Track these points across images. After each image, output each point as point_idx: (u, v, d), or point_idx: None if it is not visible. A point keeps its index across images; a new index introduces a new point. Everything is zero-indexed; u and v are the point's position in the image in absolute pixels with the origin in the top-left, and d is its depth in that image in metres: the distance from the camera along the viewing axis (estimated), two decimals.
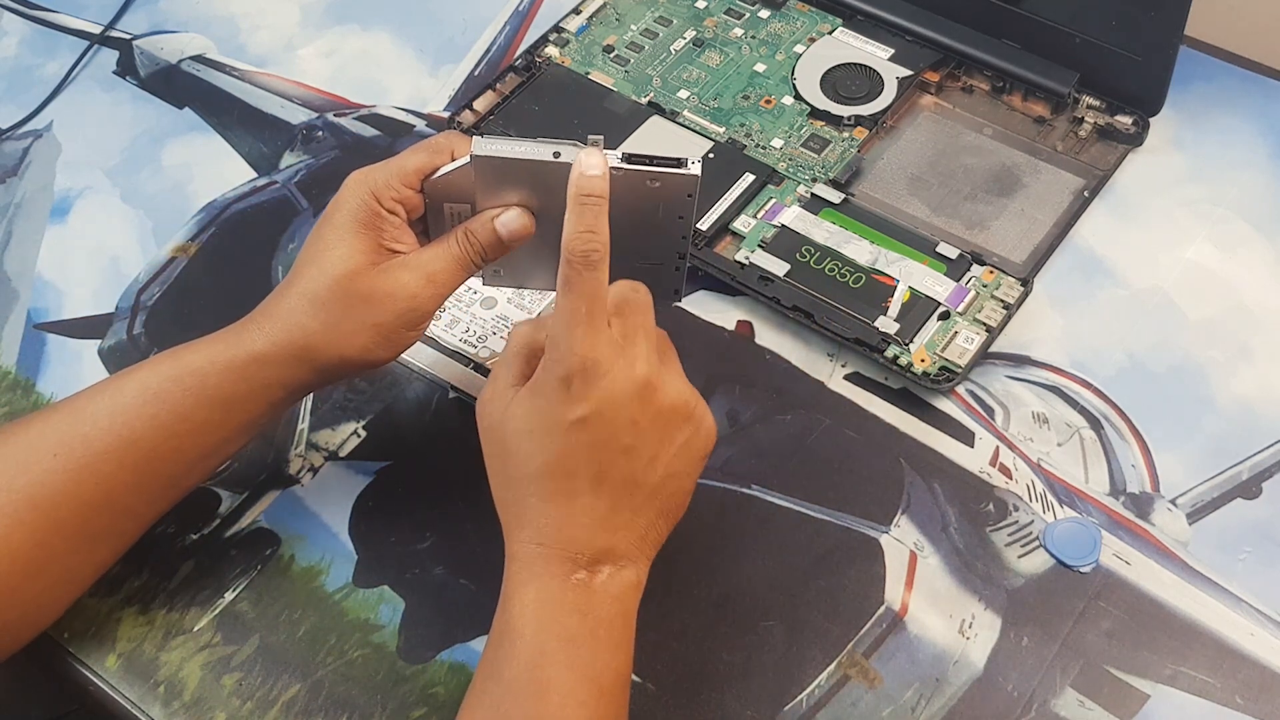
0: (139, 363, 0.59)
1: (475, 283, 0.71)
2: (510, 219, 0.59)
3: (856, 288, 0.69)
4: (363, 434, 0.68)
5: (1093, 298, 0.70)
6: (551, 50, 0.82)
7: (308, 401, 0.69)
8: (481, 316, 0.70)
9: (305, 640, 0.61)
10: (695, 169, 0.56)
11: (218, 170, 0.80)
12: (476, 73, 0.84)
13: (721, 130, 0.76)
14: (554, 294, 0.56)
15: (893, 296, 0.68)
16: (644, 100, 0.78)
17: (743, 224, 0.72)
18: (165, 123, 0.83)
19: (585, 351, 0.52)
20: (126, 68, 0.87)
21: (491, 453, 0.54)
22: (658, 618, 0.60)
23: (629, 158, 0.56)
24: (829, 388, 0.67)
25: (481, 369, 0.68)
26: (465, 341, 0.69)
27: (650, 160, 0.56)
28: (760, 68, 0.80)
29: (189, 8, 0.90)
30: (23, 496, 0.56)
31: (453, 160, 0.59)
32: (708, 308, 0.71)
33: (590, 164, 0.54)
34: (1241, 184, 0.74)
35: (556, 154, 0.57)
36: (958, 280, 0.68)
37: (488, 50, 0.85)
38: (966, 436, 0.65)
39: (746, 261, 0.70)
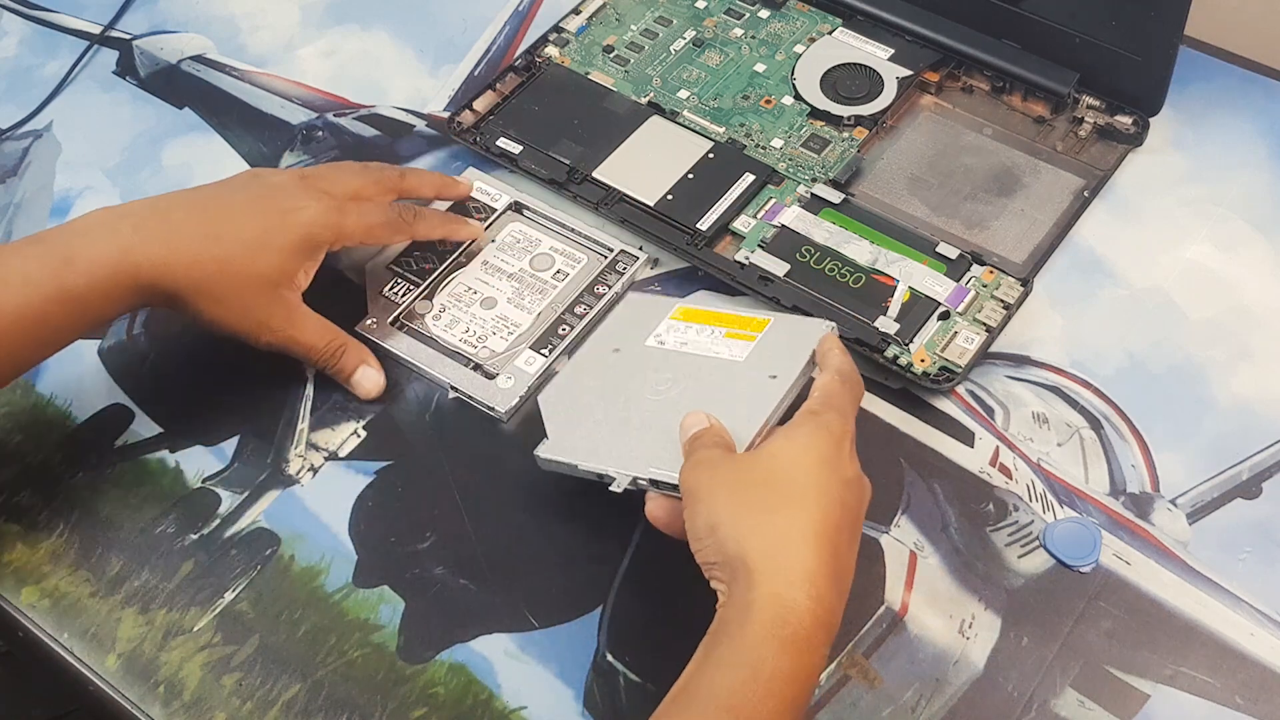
0: (11, 262, 0.61)
1: (475, 283, 0.71)
2: (370, 377, 0.67)
3: (856, 288, 0.69)
4: (363, 434, 0.68)
5: (1093, 298, 0.70)
6: (551, 50, 0.82)
7: (308, 401, 0.69)
8: (481, 316, 0.70)
9: (305, 640, 0.61)
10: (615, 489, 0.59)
11: (218, 170, 0.80)
12: (476, 73, 0.84)
13: (721, 130, 0.76)
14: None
15: (893, 296, 0.68)
16: (644, 100, 0.78)
17: (743, 224, 0.72)
18: (165, 123, 0.83)
19: (850, 426, 0.55)
20: (126, 68, 0.87)
21: (741, 484, 0.53)
22: (658, 618, 0.60)
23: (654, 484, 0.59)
24: None
25: (481, 369, 0.68)
26: (465, 341, 0.69)
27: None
28: (760, 68, 0.80)
29: (189, 8, 0.90)
30: None
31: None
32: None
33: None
34: (1241, 184, 0.74)
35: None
36: (958, 280, 0.68)
37: (488, 50, 0.85)
38: (966, 436, 0.65)
39: (746, 261, 0.70)
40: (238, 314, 0.63)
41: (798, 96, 0.78)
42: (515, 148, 0.76)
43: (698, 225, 0.71)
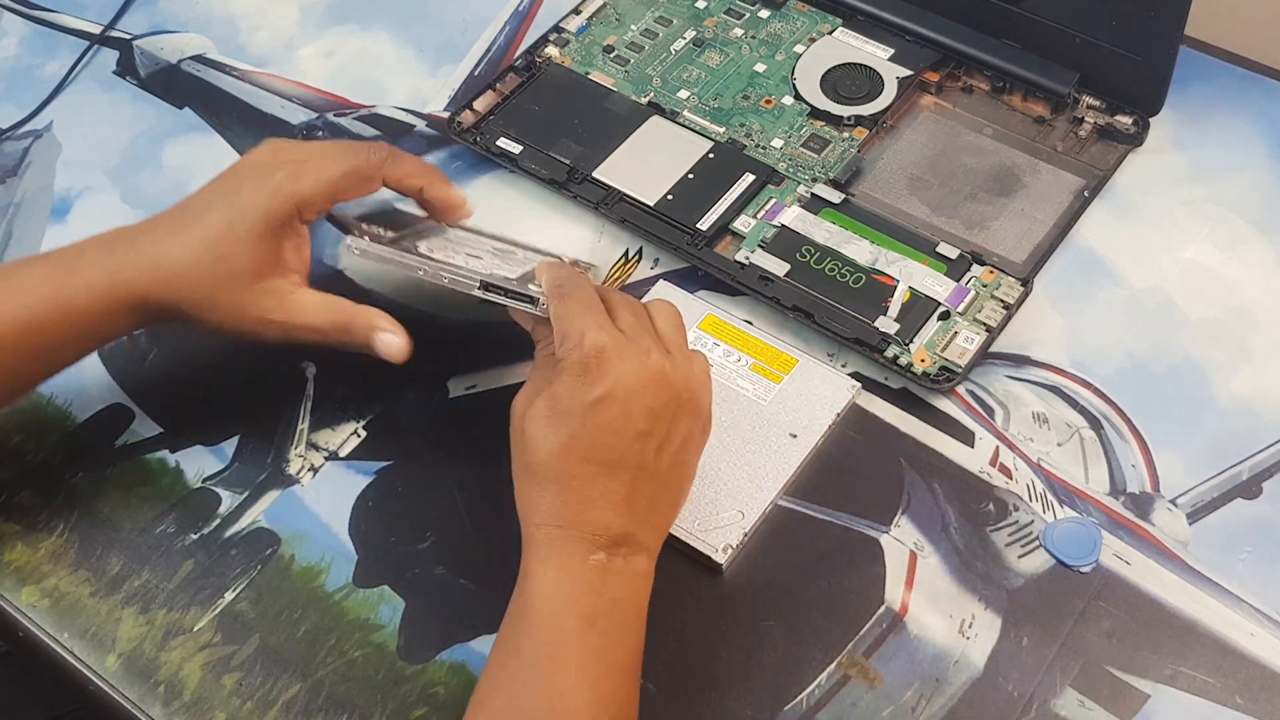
0: (11, 278, 0.61)
1: (448, 246, 0.66)
2: (391, 342, 0.62)
3: (856, 288, 0.69)
4: (363, 434, 0.68)
5: (1093, 298, 0.70)
6: (551, 50, 0.82)
7: (308, 401, 0.69)
8: (473, 263, 0.64)
9: (305, 640, 0.61)
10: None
11: (218, 170, 0.79)
12: (476, 73, 0.84)
13: (721, 130, 0.76)
14: None
15: (893, 296, 0.68)
16: (644, 100, 0.78)
17: (743, 224, 0.72)
18: (165, 123, 0.83)
19: (595, 339, 0.54)
20: (126, 68, 0.87)
21: (517, 440, 0.55)
22: (658, 618, 0.60)
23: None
24: None
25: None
26: (470, 257, 0.64)
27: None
28: (760, 68, 0.80)
29: (189, 8, 0.90)
30: None
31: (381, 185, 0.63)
32: (708, 308, 0.70)
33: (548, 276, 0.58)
34: (1241, 184, 0.74)
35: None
36: (958, 280, 0.68)
37: (488, 50, 0.85)
38: (966, 436, 0.65)
39: (746, 261, 0.70)
40: (234, 316, 0.62)
41: (798, 96, 0.78)
42: (515, 148, 0.76)
43: (698, 225, 0.71)
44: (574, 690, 0.51)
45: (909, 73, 0.77)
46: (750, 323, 0.69)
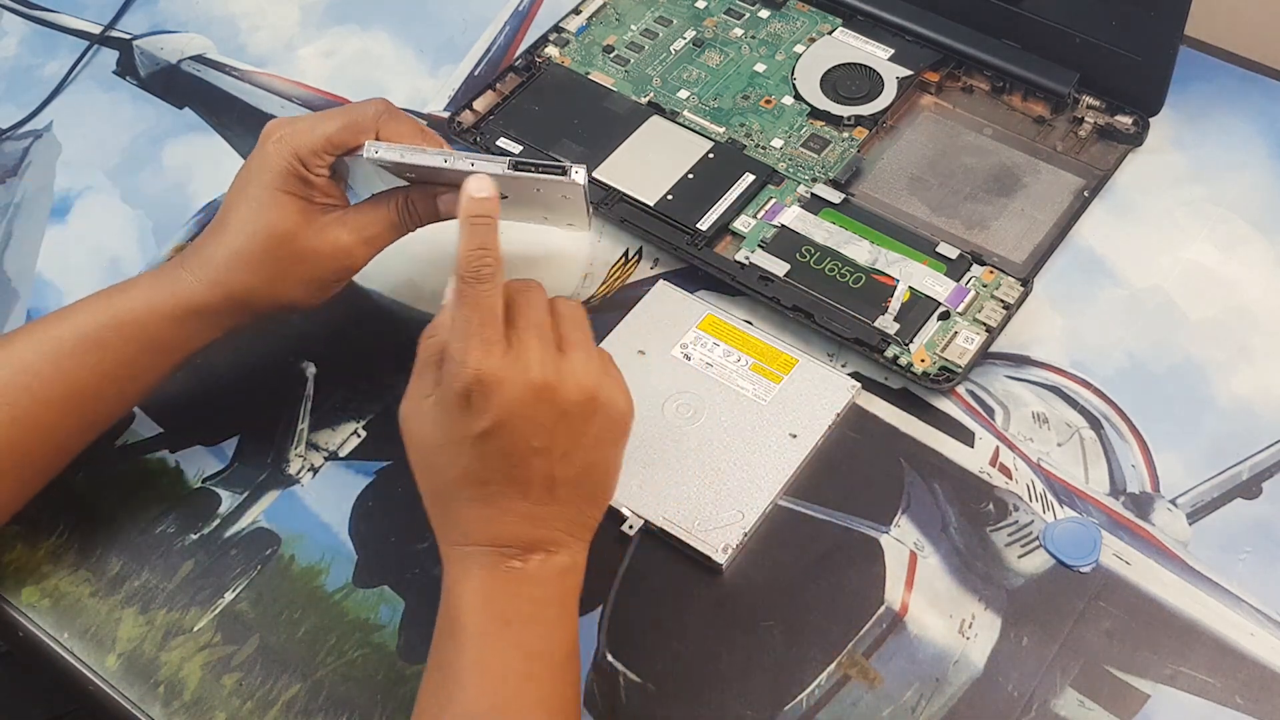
0: (68, 305, 0.61)
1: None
2: (453, 206, 0.60)
3: (856, 288, 0.69)
4: (363, 434, 0.68)
5: (1093, 298, 0.70)
6: (551, 50, 0.82)
7: (308, 401, 0.69)
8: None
9: (305, 640, 0.61)
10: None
11: (218, 170, 0.80)
12: (476, 73, 0.84)
13: (721, 130, 0.76)
14: None
15: (893, 296, 0.68)
16: (644, 100, 0.78)
17: (743, 224, 0.72)
18: (165, 123, 0.83)
19: (477, 365, 0.52)
20: (126, 68, 0.87)
21: (414, 461, 0.55)
22: (658, 618, 0.60)
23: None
24: None
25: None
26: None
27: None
28: (760, 68, 0.80)
29: (189, 8, 0.90)
30: None
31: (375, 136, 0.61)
32: (708, 308, 0.71)
33: (477, 187, 0.53)
34: (1241, 184, 0.74)
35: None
36: (958, 280, 0.68)
37: (488, 50, 0.85)
38: (966, 436, 0.65)
39: (746, 261, 0.70)
40: (298, 284, 0.62)
41: (798, 96, 0.78)
42: (515, 148, 0.76)
43: (698, 225, 0.71)
44: (517, 693, 0.51)
45: (909, 73, 0.77)
46: (750, 323, 0.69)
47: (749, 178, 0.73)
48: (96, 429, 0.62)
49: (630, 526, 0.61)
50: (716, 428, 0.64)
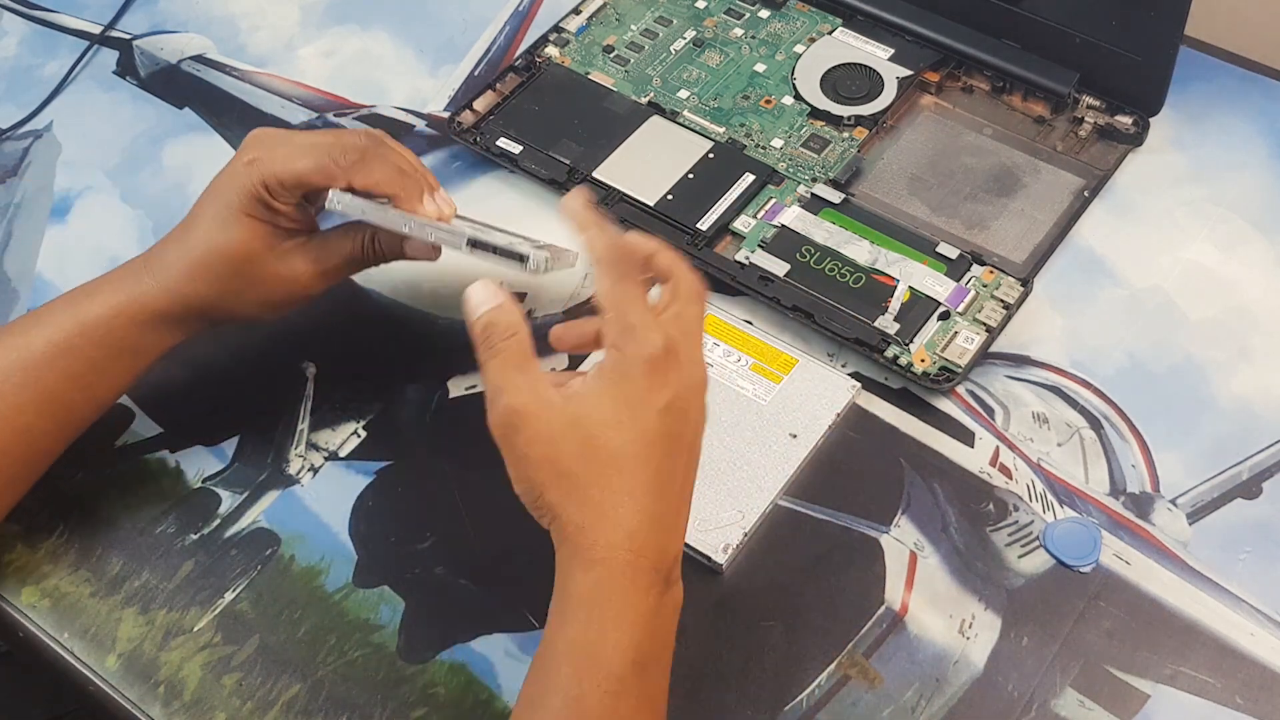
0: (37, 310, 0.61)
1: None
2: (419, 250, 0.63)
3: (856, 288, 0.69)
4: (363, 434, 0.68)
5: (1093, 298, 0.70)
6: (551, 50, 0.82)
7: (308, 401, 0.69)
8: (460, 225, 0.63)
9: (305, 640, 0.61)
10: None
11: (217, 170, 0.79)
12: (476, 73, 0.84)
13: (721, 130, 0.76)
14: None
15: (893, 296, 0.68)
16: (644, 100, 0.78)
17: (743, 224, 0.72)
18: (165, 123, 0.83)
19: (667, 333, 0.50)
20: (126, 68, 0.87)
21: (556, 451, 0.49)
22: None
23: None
24: None
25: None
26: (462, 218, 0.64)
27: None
28: (760, 68, 0.80)
29: (189, 8, 0.90)
30: None
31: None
32: (708, 308, 0.71)
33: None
34: (1241, 184, 0.74)
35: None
36: (958, 280, 0.68)
37: (488, 50, 0.85)
38: (966, 436, 0.65)
39: (746, 261, 0.70)
40: (259, 293, 0.62)
41: (798, 96, 0.78)
42: (515, 148, 0.76)
43: (698, 225, 0.71)
44: None
45: (909, 73, 0.77)
46: (750, 323, 0.69)
47: (749, 178, 0.73)
48: (71, 431, 0.62)
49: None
50: (716, 428, 0.64)
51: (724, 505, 0.62)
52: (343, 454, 0.67)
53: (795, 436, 0.64)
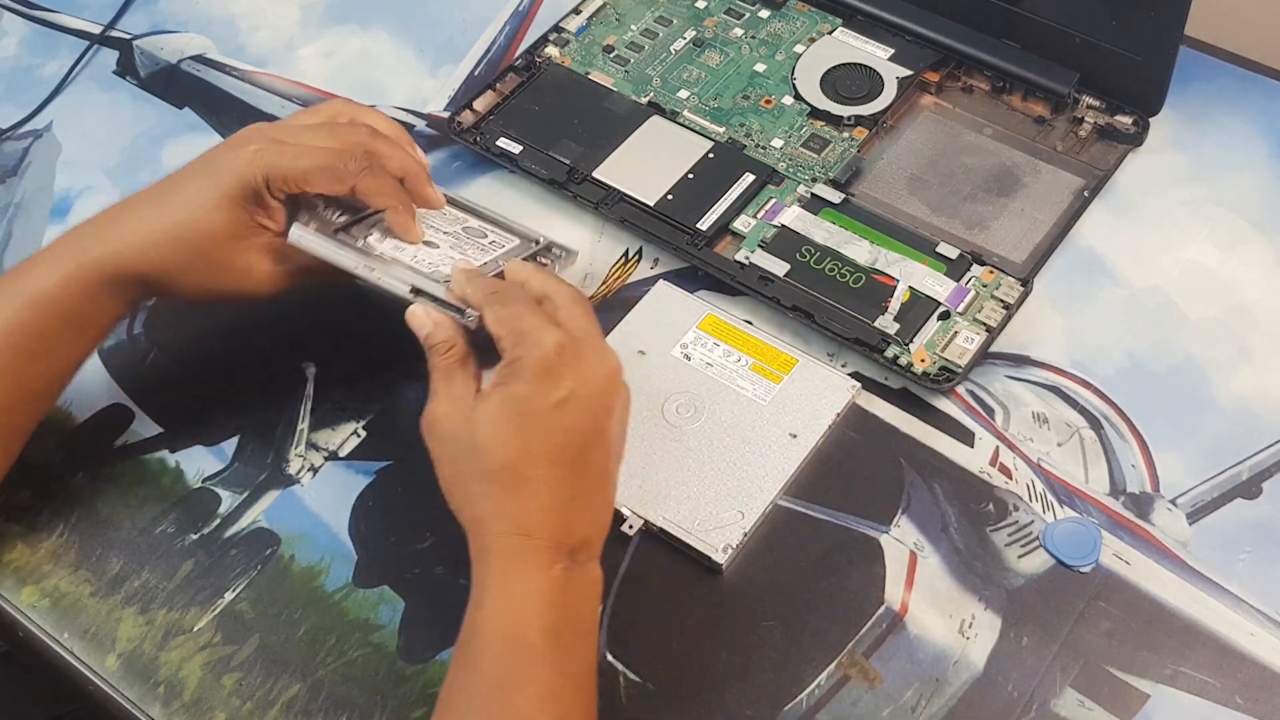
0: None
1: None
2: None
3: (856, 288, 0.69)
4: (363, 434, 0.68)
5: (1093, 298, 0.70)
6: (551, 50, 0.82)
7: (308, 401, 0.69)
8: (425, 254, 0.63)
9: (305, 640, 0.61)
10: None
11: None
12: (476, 73, 0.84)
13: (721, 130, 0.76)
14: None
15: (893, 296, 0.68)
16: (644, 100, 0.78)
17: (743, 224, 0.72)
18: (165, 123, 0.83)
19: (557, 335, 0.53)
20: (126, 68, 0.87)
21: (456, 452, 0.54)
22: (658, 618, 0.60)
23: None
24: None
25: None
26: (416, 261, 0.63)
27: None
28: (760, 68, 0.80)
29: (189, 8, 0.90)
30: None
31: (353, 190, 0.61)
32: (708, 308, 0.71)
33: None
34: (1241, 184, 0.74)
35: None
36: (958, 280, 0.68)
37: (488, 50, 0.85)
38: (966, 436, 0.65)
39: (746, 261, 0.70)
40: (212, 278, 0.61)
41: (798, 96, 0.78)
42: (515, 148, 0.76)
43: (698, 225, 0.71)
44: (537, 710, 0.50)
45: (909, 73, 0.77)
46: (750, 323, 0.69)
47: (749, 178, 0.73)
48: (35, 408, 0.62)
49: (630, 526, 0.61)
50: (717, 428, 0.64)
51: (724, 505, 0.62)
52: (343, 454, 0.67)
53: (795, 436, 0.64)
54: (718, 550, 0.60)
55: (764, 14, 0.82)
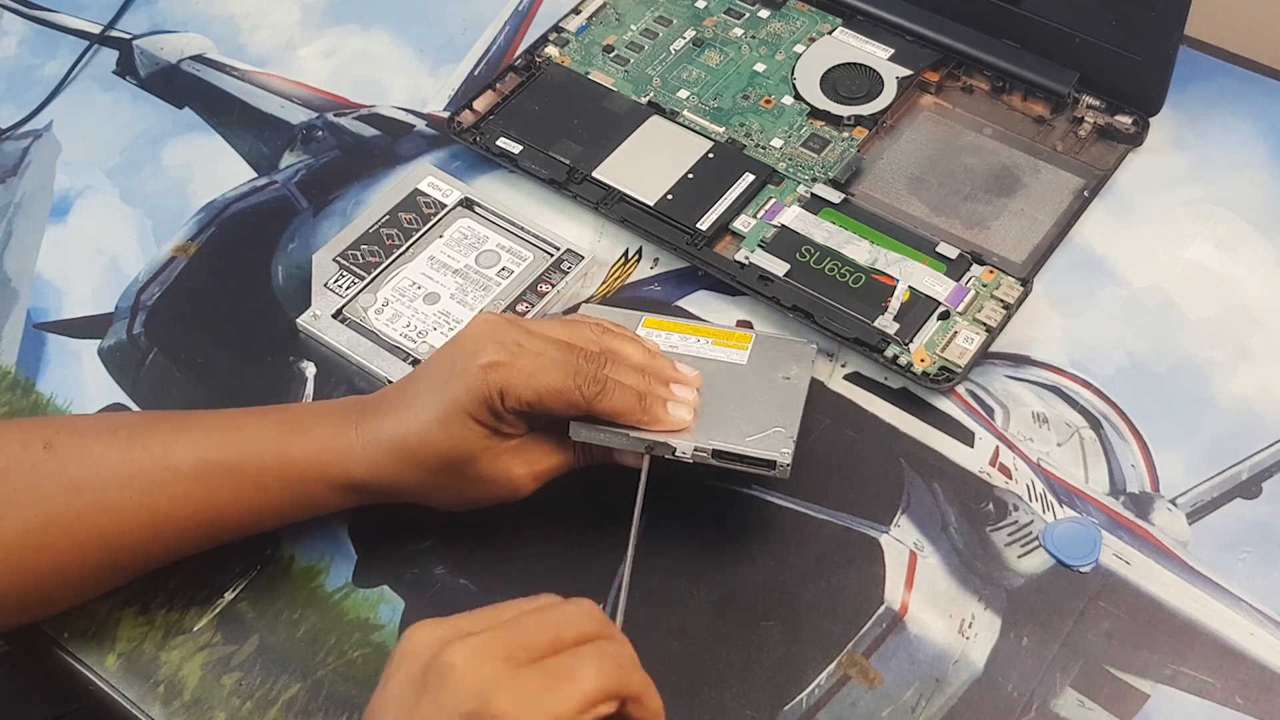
0: (244, 420, 0.59)
1: (420, 278, 0.71)
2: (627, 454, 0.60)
3: (856, 288, 0.69)
4: None
5: (1093, 298, 0.70)
6: (551, 50, 0.82)
7: (308, 401, 0.69)
8: (424, 312, 0.69)
9: (305, 640, 0.61)
10: (781, 470, 0.58)
11: (218, 170, 0.80)
12: (476, 73, 0.84)
13: (721, 130, 0.76)
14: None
15: (893, 296, 0.68)
16: (644, 100, 0.78)
17: (743, 224, 0.72)
18: (165, 123, 0.83)
19: (490, 700, 0.45)
20: (126, 68, 0.87)
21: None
22: (658, 618, 0.60)
23: (718, 455, 0.58)
24: (829, 388, 0.67)
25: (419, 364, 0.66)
26: (405, 336, 0.68)
27: (740, 459, 0.58)
28: (760, 67, 0.80)
29: (189, 8, 0.90)
30: (94, 530, 0.57)
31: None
32: (708, 308, 0.71)
33: None
34: (1241, 184, 0.74)
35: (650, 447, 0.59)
36: (957, 280, 0.68)
37: (488, 50, 0.85)
38: (966, 436, 0.65)
39: (746, 261, 0.70)
40: (454, 498, 0.59)
41: (798, 96, 0.78)
42: (515, 148, 0.76)
43: (698, 225, 0.71)
44: None
45: (909, 73, 0.77)
46: (697, 317, 0.68)
47: (749, 177, 0.73)
48: (211, 547, 0.60)
49: (681, 453, 0.59)
50: (711, 380, 0.62)
51: (760, 424, 0.60)
52: None
53: (789, 379, 0.62)
54: (778, 452, 0.58)
55: (764, 14, 0.82)
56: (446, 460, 0.57)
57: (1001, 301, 0.68)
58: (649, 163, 0.74)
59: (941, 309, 0.68)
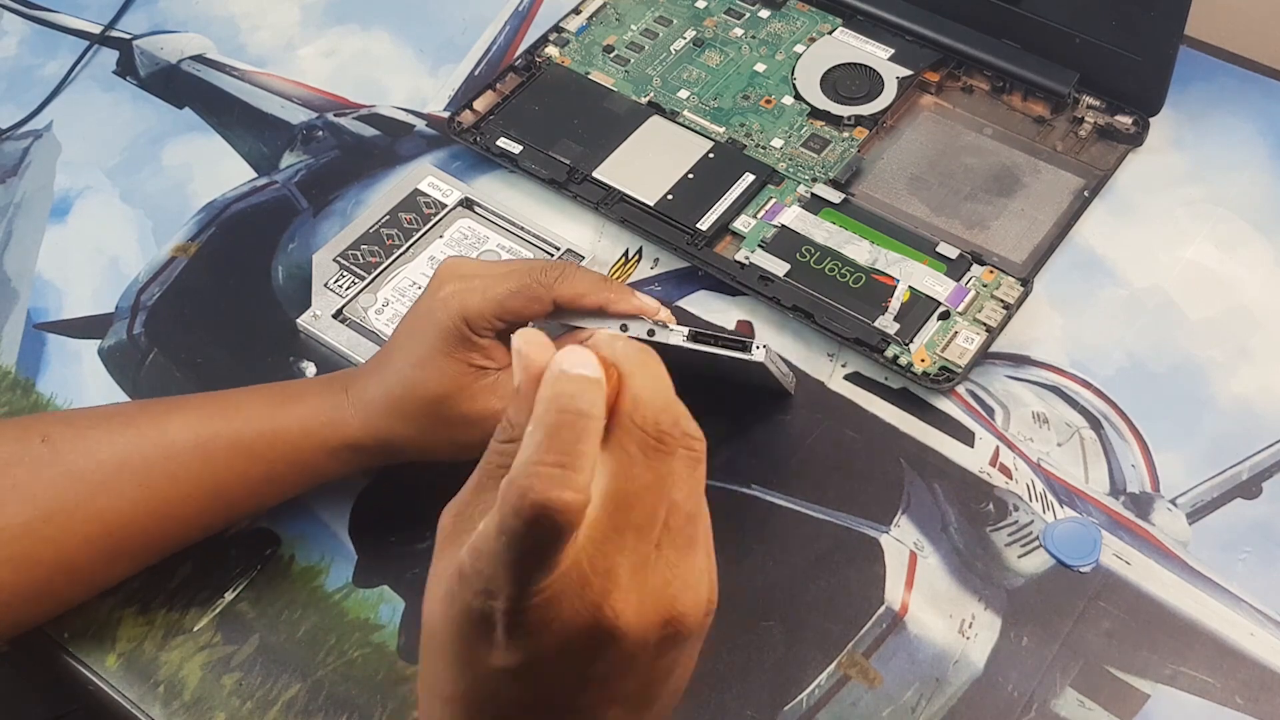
0: (234, 397, 0.59)
1: (419, 278, 0.71)
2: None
3: (856, 288, 0.69)
4: None
5: (1093, 297, 0.70)
6: (551, 50, 0.82)
7: None
8: None
9: (305, 640, 0.61)
10: (759, 354, 0.56)
11: (218, 170, 0.80)
12: (476, 73, 0.84)
13: (721, 130, 0.76)
14: None
15: (893, 296, 0.68)
16: (644, 100, 0.78)
17: (743, 224, 0.72)
18: (165, 123, 0.83)
19: (518, 594, 0.39)
20: (126, 68, 0.87)
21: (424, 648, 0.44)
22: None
23: (695, 335, 0.56)
24: (829, 388, 0.67)
25: None
26: None
27: (715, 340, 0.56)
28: (760, 68, 0.80)
29: (189, 8, 0.90)
30: (94, 516, 0.57)
31: (553, 309, 0.57)
32: (708, 308, 0.71)
33: (574, 361, 0.38)
34: (1241, 184, 0.74)
35: (624, 326, 0.57)
36: (958, 280, 0.68)
37: (488, 50, 0.85)
38: (966, 436, 0.65)
39: (746, 261, 0.70)
40: (446, 444, 0.58)
41: (798, 96, 0.78)
42: (515, 148, 0.76)
43: (698, 225, 0.71)
44: None
45: (909, 73, 0.77)
46: (699, 319, 0.68)
47: (749, 178, 0.73)
48: (217, 529, 0.61)
49: (757, 347, 0.57)
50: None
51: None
52: None
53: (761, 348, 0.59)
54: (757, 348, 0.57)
55: (764, 14, 0.82)
56: (430, 404, 0.57)
57: (1002, 301, 0.68)
58: (649, 163, 0.74)
59: (942, 309, 0.68)
